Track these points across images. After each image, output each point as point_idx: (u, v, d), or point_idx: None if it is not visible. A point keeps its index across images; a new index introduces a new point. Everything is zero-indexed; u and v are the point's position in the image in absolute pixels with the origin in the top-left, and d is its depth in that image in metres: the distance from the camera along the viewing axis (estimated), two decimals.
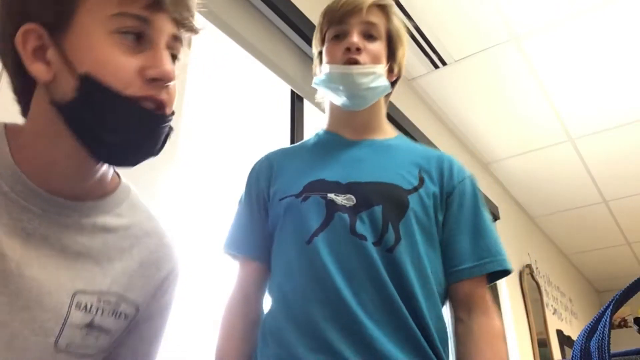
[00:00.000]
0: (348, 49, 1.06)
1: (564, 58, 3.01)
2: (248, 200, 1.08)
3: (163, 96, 0.63)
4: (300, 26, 2.16)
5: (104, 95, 0.59)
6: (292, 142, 2.13)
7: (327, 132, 1.16)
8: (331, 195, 0.96)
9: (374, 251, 0.91)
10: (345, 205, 0.95)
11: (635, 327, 0.59)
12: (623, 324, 5.93)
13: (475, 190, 1.07)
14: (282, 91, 2.22)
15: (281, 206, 1.00)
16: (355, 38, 1.06)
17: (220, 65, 2.21)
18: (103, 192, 0.68)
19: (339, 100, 1.10)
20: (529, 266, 4.37)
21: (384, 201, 0.95)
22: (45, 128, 0.61)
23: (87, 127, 0.60)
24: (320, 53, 1.16)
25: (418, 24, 2.77)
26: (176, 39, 0.66)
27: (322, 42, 1.15)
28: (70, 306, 0.61)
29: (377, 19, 1.12)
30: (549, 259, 5.24)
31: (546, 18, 2.74)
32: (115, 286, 0.66)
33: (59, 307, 0.60)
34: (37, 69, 0.60)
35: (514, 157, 4.03)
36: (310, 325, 0.85)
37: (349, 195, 0.96)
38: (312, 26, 2.25)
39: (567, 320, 5.24)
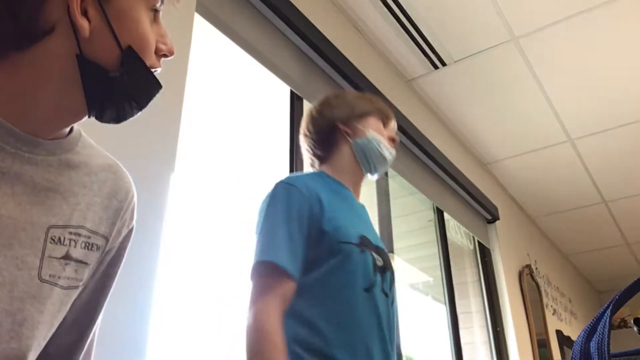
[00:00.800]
0: (393, 140, 1.41)
1: (563, 59, 3.02)
2: (300, 222, 1.16)
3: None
4: (300, 27, 2.16)
5: (142, 70, 0.68)
6: (292, 142, 2.12)
7: (340, 184, 1.34)
8: (374, 254, 1.20)
9: (390, 305, 1.21)
10: (378, 265, 1.20)
11: (636, 328, 0.59)
12: (623, 324, 5.93)
13: None
14: (282, 92, 2.22)
15: (342, 250, 1.16)
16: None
17: (220, 66, 2.21)
18: (64, 131, 0.71)
19: (368, 167, 1.37)
20: (528, 266, 4.37)
21: (391, 266, 1.25)
22: (56, 76, 0.63)
23: (115, 93, 0.66)
24: (360, 116, 1.40)
25: (418, 25, 2.77)
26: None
27: (364, 114, 1.40)
28: (45, 240, 0.65)
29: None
30: (548, 260, 5.25)
31: (545, 19, 2.74)
32: (82, 220, 0.70)
33: (35, 242, 0.64)
34: (83, 24, 0.64)
35: (513, 158, 4.03)
36: (367, 353, 1.11)
37: (378, 257, 1.21)
38: (312, 27, 2.25)
39: (567, 320, 5.24)
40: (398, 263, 3.15)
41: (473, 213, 3.84)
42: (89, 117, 0.68)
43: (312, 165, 1.43)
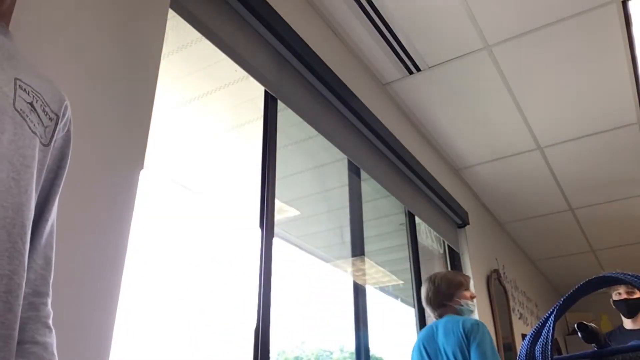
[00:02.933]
0: (472, 298, 2.42)
1: (534, 68, 3.08)
2: None
3: None
4: (277, 27, 2.16)
5: None
6: (265, 142, 2.12)
7: None
8: None
9: None
10: None
11: (580, 334, 0.61)
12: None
13: None
14: (257, 91, 2.22)
15: None
16: None
17: (194, 65, 2.20)
18: (6, 24, 0.85)
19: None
20: (496, 271, 4.45)
21: None
22: None
23: None
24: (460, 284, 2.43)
25: (394, 30, 2.80)
26: None
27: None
28: (15, 85, 0.76)
29: None
30: (516, 265, 5.35)
31: (518, 28, 2.80)
32: (39, 89, 0.82)
33: (8, 83, 0.75)
34: None
35: (484, 164, 4.10)
36: None
37: None
38: (288, 28, 2.26)
39: (532, 324, 5.34)
40: (369, 266, 3.17)
41: (444, 217, 3.90)
42: None
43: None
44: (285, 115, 2.30)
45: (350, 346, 2.72)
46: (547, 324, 0.59)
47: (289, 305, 2.64)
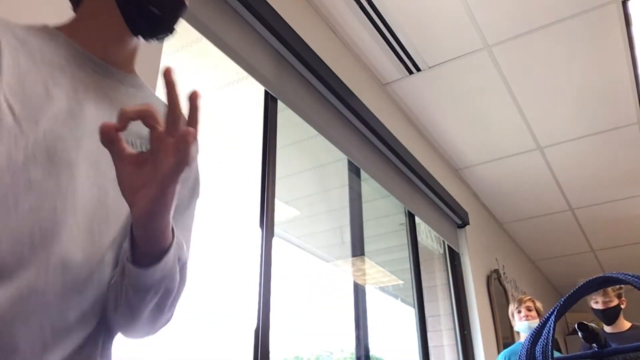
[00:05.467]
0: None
1: (534, 68, 3.08)
2: None
3: None
4: (277, 27, 2.16)
5: None
6: (265, 142, 2.12)
7: None
8: None
9: None
10: None
11: (580, 333, 0.61)
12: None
13: None
14: (257, 91, 2.22)
15: None
16: None
17: (194, 65, 2.20)
18: (130, 69, 0.85)
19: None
20: (496, 271, 4.45)
21: None
22: (101, 7, 0.79)
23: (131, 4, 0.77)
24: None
25: (394, 30, 2.80)
26: None
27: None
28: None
29: None
30: (516, 265, 5.34)
31: (518, 28, 2.80)
32: (143, 132, 0.82)
33: (102, 117, 0.75)
34: None
35: (484, 164, 4.10)
36: None
37: None
38: (288, 28, 2.26)
39: None
40: (369, 266, 3.17)
41: (444, 217, 3.89)
42: (132, 33, 0.80)
43: None
44: (285, 115, 2.30)
45: (351, 346, 2.72)
46: (548, 324, 0.59)
47: (289, 305, 2.64)
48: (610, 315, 3.05)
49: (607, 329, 3.10)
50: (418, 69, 3.10)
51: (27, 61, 0.69)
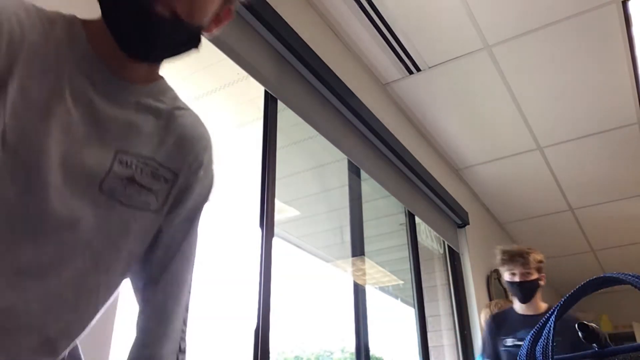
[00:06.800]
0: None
1: (534, 68, 3.08)
2: None
3: (174, 3, 0.69)
4: (277, 28, 2.16)
5: None
6: (265, 142, 2.12)
7: None
8: None
9: None
10: None
11: (581, 334, 0.61)
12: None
13: None
14: (257, 91, 2.22)
15: None
16: None
17: (194, 64, 2.20)
18: (151, 78, 0.81)
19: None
20: (496, 271, 4.44)
21: None
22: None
23: (110, 19, 0.71)
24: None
25: (394, 30, 2.80)
26: None
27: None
28: (113, 160, 0.73)
29: None
30: None
31: (518, 28, 2.80)
32: (153, 154, 0.78)
33: (103, 158, 0.72)
34: None
35: (484, 164, 4.10)
36: None
37: None
38: (287, 26, 2.26)
39: None
40: (369, 266, 3.17)
41: (444, 217, 3.89)
42: (127, 56, 0.74)
43: None
44: (285, 115, 2.30)
45: (351, 346, 2.72)
46: (548, 325, 0.59)
47: (289, 305, 2.64)
48: (527, 290, 2.55)
49: (521, 309, 2.61)
50: (418, 69, 3.10)
51: (37, 73, 0.67)
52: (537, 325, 0.60)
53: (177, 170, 0.82)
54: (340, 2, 2.62)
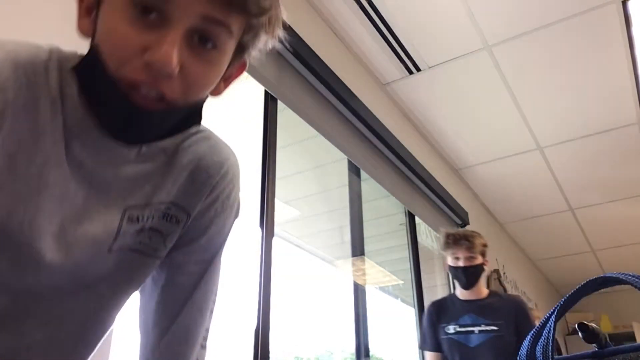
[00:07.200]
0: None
1: (534, 68, 3.08)
2: None
3: (161, 86, 0.57)
4: None
5: (98, 73, 0.57)
6: (265, 141, 2.12)
7: None
8: None
9: None
10: None
11: (580, 334, 0.62)
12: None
13: None
14: (256, 91, 2.22)
15: None
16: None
17: None
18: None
19: None
20: (496, 271, 4.45)
21: None
22: None
23: (90, 102, 0.61)
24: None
25: (394, 30, 2.80)
26: (210, 20, 0.57)
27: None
28: (121, 220, 0.65)
29: None
30: (516, 265, 5.34)
31: (518, 29, 2.80)
32: (164, 196, 0.69)
33: (110, 222, 0.65)
34: (81, 25, 0.61)
35: (484, 164, 4.10)
36: None
37: None
38: (288, 28, 2.25)
39: None
40: (369, 266, 3.17)
41: (444, 217, 3.89)
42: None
43: None
44: (285, 115, 2.30)
45: (351, 346, 2.72)
46: (548, 325, 0.59)
47: (289, 305, 2.64)
48: (472, 274, 2.40)
49: (463, 294, 2.46)
50: (418, 69, 3.10)
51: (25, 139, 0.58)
52: (538, 325, 0.60)
53: (189, 207, 0.72)
54: (340, 2, 2.62)
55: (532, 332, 0.60)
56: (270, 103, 2.20)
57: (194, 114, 0.65)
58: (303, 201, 3.29)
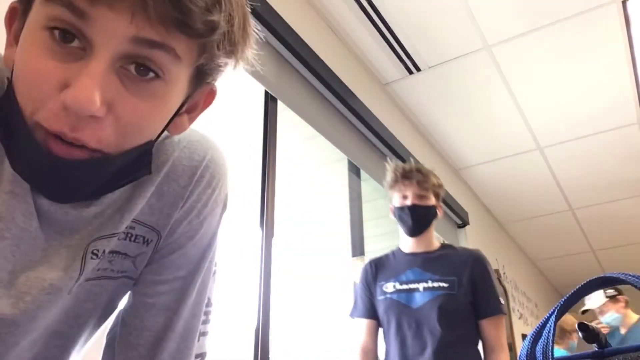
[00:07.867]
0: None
1: (534, 68, 3.08)
2: None
3: (84, 133, 0.45)
4: (277, 28, 2.16)
5: (13, 120, 0.46)
6: (265, 142, 2.12)
7: None
8: None
9: None
10: None
11: (581, 334, 0.62)
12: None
13: None
14: (256, 91, 2.22)
15: None
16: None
17: None
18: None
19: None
20: (496, 271, 4.45)
21: None
22: None
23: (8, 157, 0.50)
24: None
25: (394, 30, 2.80)
26: (143, 42, 0.45)
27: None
28: (83, 258, 0.56)
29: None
30: (516, 265, 5.34)
31: (518, 28, 2.80)
32: (130, 217, 0.60)
33: (71, 264, 0.56)
34: (7, 56, 0.50)
35: (484, 164, 4.10)
36: None
37: None
38: (288, 28, 2.26)
39: (533, 325, 5.34)
40: None
41: (444, 217, 3.89)
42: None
43: None
44: (285, 115, 2.30)
45: (351, 346, 2.72)
46: (548, 325, 0.59)
47: (288, 305, 2.64)
48: (421, 217, 1.91)
49: (409, 245, 1.96)
50: (418, 69, 3.10)
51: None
52: (538, 325, 0.60)
53: (158, 225, 0.62)
54: (340, 2, 2.62)
55: (532, 332, 0.60)
56: (270, 103, 2.20)
57: (140, 161, 0.53)
58: (304, 201, 3.29)
